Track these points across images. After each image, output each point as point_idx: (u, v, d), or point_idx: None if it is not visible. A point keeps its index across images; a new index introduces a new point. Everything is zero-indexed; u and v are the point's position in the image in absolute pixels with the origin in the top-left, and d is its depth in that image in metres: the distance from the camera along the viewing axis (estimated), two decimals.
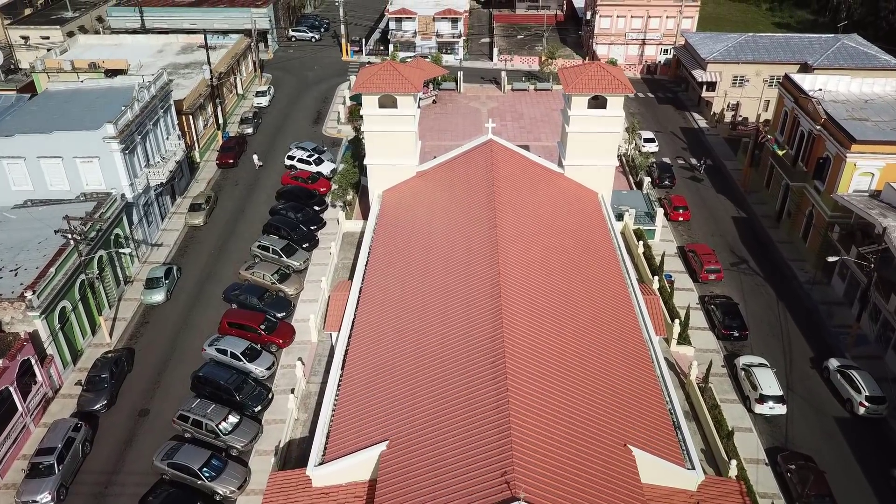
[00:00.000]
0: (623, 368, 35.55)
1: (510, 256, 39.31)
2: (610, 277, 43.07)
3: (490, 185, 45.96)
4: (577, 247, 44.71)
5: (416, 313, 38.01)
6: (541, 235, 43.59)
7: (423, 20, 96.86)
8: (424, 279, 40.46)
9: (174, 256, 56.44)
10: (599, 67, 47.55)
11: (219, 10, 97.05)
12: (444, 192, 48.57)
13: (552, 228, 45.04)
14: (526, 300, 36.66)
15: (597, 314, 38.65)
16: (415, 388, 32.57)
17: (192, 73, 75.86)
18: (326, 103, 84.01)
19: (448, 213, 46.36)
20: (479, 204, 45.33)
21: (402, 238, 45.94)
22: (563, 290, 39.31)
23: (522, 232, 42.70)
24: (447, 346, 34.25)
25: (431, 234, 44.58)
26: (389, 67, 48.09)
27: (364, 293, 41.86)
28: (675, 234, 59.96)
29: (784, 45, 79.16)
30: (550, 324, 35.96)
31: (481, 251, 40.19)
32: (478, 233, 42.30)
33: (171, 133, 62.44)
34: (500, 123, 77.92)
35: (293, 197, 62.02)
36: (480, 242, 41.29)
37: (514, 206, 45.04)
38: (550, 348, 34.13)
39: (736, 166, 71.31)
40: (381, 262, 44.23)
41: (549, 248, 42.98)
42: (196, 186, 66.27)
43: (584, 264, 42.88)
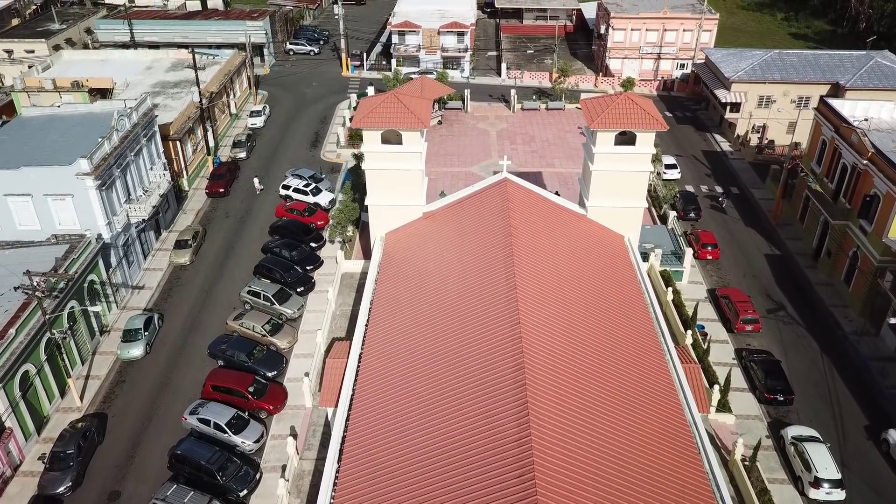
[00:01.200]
0: (661, 448, 30.62)
1: (531, 316, 34.43)
2: (642, 340, 38.06)
3: (506, 231, 41.02)
4: (606, 302, 39.75)
5: (426, 382, 33.10)
6: (564, 288, 38.68)
7: (428, 34, 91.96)
8: (434, 339, 35.58)
9: (156, 301, 51.44)
10: (628, 100, 42.58)
11: (212, 22, 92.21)
12: (454, 237, 43.60)
13: (576, 280, 40.09)
14: (551, 370, 31.77)
15: (630, 386, 33.69)
16: (427, 487, 27.57)
17: (181, 93, 70.96)
18: (325, 124, 79.06)
19: (460, 261, 41.42)
20: (494, 251, 40.42)
21: (408, 290, 41.00)
22: (591, 356, 34.42)
23: (543, 285, 37.84)
24: (464, 430, 29.26)
25: (441, 286, 39.67)
26: (393, 99, 43.13)
27: (365, 358, 36.82)
28: (703, 275, 54.96)
29: (813, 64, 74.18)
30: (578, 398, 31.08)
31: (498, 309, 35.36)
32: (494, 286, 37.44)
33: (155, 163, 57.50)
34: (510, 147, 73.10)
35: (287, 232, 57.06)
36: (497, 298, 36.45)
37: (534, 255, 40.10)
38: (579, 430, 29.22)
39: (765, 195, 66.30)
40: (384, 317, 39.26)
41: (574, 304, 38.08)
42: (183, 218, 61.30)
43: (614, 324, 37.89)
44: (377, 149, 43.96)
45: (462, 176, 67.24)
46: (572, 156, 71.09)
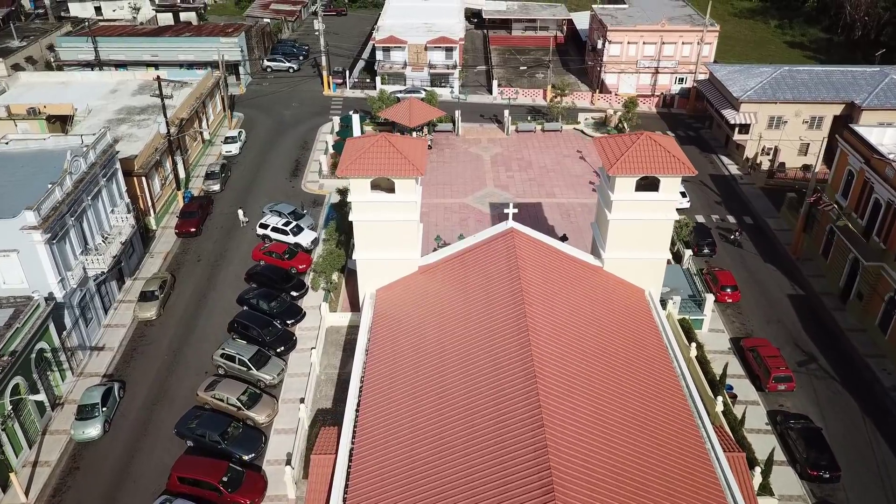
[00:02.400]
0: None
1: (551, 387, 29.58)
2: (675, 417, 33.05)
3: (516, 288, 35.93)
4: (630, 369, 34.76)
5: (431, 472, 27.92)
6: (584, 353, 33.86)
7: (414, 49, 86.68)
8: (440, 419, 30.50)
9: (118, 365, 45.68)
10: (650, 141, 37.58)
11: (183, 39, 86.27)
12: (456, 295, 38.36)
13: (596, 343, 35.16)
14: (578, 455, 26.86)
15: (664, 475, 28.72)
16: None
17: (148, 120, 65.09)
18: (306, 150, 73.47)
19: (464, 323, 36.29)
20: (503, 311, 35.40)
21: (405, 356, 35.75)
22: (620, 440, 29.48)
23: (561, 350, 32.99)
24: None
25: (444, 352, 34.53)
26: (384, 143, 37.80)
27: (358, 451, 31.44)
28: (724, 321, 50.20)
29: (825, 81, 69.83)
30: (609, 478, 26.34)
31: (512, 380, 30.46)
32: (506, 352, 32.55)
33: (117, 204, 51.72)
34: (505, 174, 68.04)
35: (265, 280, 51.51)
36: (510, 366, 31.58)
37: (549, 316, 35.09)
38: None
39: (781, 225, 61.74)
40: (377, 397, 33.92)
41: (596, 370, 33.25)
42: (150, 263, 55.50)
43: (643, 401, 32.85)
44: (366, 198, 38.59)
45: (456, 209, 62.05)
46: (573, 184, 66.15)
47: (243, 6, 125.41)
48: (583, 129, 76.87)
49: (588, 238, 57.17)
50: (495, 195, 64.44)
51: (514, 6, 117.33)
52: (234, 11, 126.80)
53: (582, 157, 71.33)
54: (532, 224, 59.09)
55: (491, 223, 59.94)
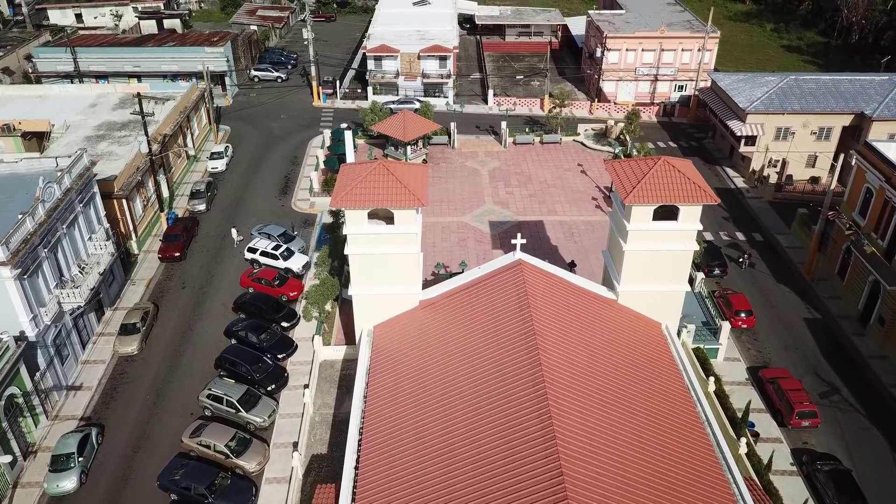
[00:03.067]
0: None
1: (569, 433, 26.97)
2: (700, 469, 30.41)
3: (527, 326, 33.31)
4: (652, 416, 32.16)
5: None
6: (603, 397, 31.40)
7: (407, 58, 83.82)
8: (448, 471, 27.80)
9: (96, 406, 42.56)
10: (668, 167, 34.96)
11: (166, 49, 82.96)
12: (462, 332, 35.61)
13: (615, 385, 32.62)
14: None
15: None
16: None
17: (129, 137, 61.97)
18: (296, 165, 70.42)
19: (471, 362, 33.61)
20: (513, 351, 32.84)
21: (408, 401, 33.00)
22: (643, 492, 26.85)
23: (579, 392, 30.50)
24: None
25: (449, 397, 31.77)
26: (382, 171, 34.96)
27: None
28: (739, 348, 47.67)
29: (833, 91, 67.57)
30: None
31: (526, 422, 27.97)
32: (517, 393, 30.04)
33: (95, 231, 48.58)
34: (504, 190, 65.31)
35: (254, 309, 48.50)
36: (524, 407, 29.06)
37: (563, 356, 32.56)
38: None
39: (792, 242, 59.35)
40: (379, 443, 31.11)
41: (617, 417, 30.80)
42: (131, 291, 52.35)
43: (665, 449, 30.23)
44: (363, 230, 35.71)
45: (454, 228, 59.26)
46: (576, 200, 63.51)
47: (229, 12, 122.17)
48: (583, 141, 74.32)
49: (594, 258, 54.81)
50: (495, 213, 61.72)
51: (508, 11, 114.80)
52: (219, 18, 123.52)
53: (583, 171, 68.76)
54: (534, 244, 56.65)
55: (491, 243, 57.27)
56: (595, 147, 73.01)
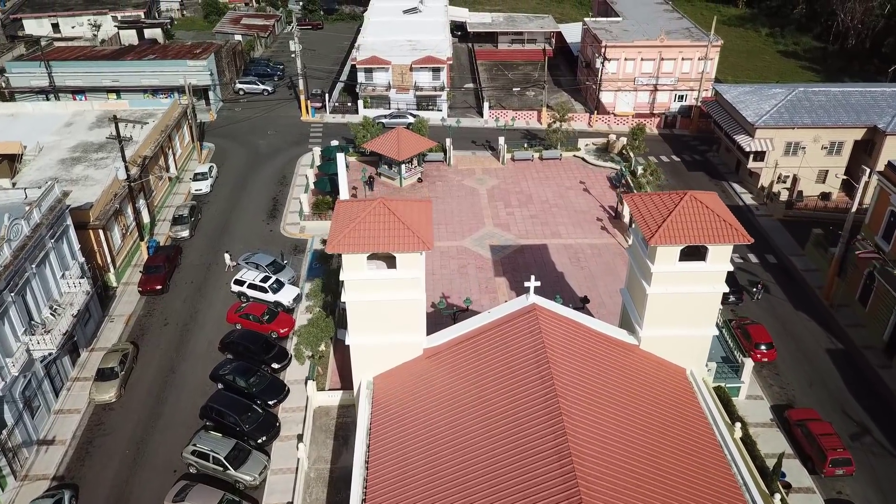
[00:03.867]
0: None
1: (599, 498, 23.87)
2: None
3: (545, 377, 30.26)
4: (682, 472, 29.17)
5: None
6: (630, 454, 28.39)
7: (399, 70, 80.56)
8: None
9: (70, 464, 38.99)
10: (695, 203, 31.99)
11: (146, 63, 79.16)
12: (472, 385, 32.40)
13: (642, 440, 29.69)
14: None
15: None
16: None
17: (107, 159, 58.48)
18: (284, 186, 66.95)
19: (484, 416, 30.49)
20: (531, 402, 29.86)
21: (416, 459, 29.81)
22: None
23: (604, 448, 27.47)
24: None
25: (463, 458, 28.63)
26: (383, 211, 31.73)
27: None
28: (761, 384, 44.84)
29: (844, 103, 65.03)
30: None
31: (551, 485, 24.89)
32: (539, 458, 26.87)
33: (69, 267, 44.96)
34: (504, 211, 62.25)
35: (243, 349, 45.07)
36: (548, 479, 25.77)
37: (586, 411, 29.58)
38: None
39: (807, 265, 56.67)
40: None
41: (646, 476, 27.59)
42: (109, 329, 48.78)
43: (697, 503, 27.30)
44: (361, 276, 32.44)
45: (453, 253, 56.09)
46: (580, 221, 60.51)
47: (212, 20, 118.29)
48: (584, 157, 71.35)
49: (602, 286, 51.90)
50: (495, 236, 58.62)
51: (500, 18, 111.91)
52: (202, 26, 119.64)
53: (586, 189, 65.79)
54: (539, 270, 53.65)
55: (493, 270, 54.16)
56: (597, 163, 70.11)
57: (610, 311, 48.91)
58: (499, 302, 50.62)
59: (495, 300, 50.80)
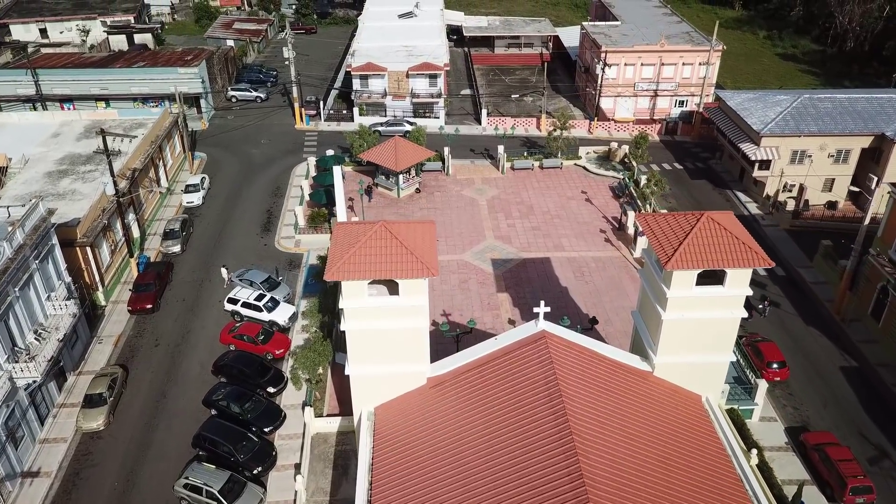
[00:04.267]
0: None
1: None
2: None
3: (557, 409, 28.82)
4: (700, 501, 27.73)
5: None
6: (645, 482, 27.26)
7: (395, 76, 78.89)
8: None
9: (55, 498, 37.18)
10: (713, 225, 30.47)
11: (136, 70, 77.18)
12: (479, 416, 30.87)
13: (659, 473, 28.15)
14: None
15: None
16: None
17: (95, 172, 56.67)
18: (279, 197, 65.17)
19: (491, 449, 28.93)
20: (543, 435, 28.44)
21: (420, 494, 28.16)
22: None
23: (621, 480, 26.45)
24: None
25: (469, 490, 27.12)
26: (385, 235, 30.08)
27: None
28: (773, 405, 43.37)
29: (850, 110, 63.72)
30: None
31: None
32: (552, 486, 25.34)
33: (54, 288, 43.11)
34: (505, 222, 60.69)
35: (237, 372, 43.32)
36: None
37: (601, 445, 28.12)
38: None
39: (816, 277, 55.29)
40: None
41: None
42: (98, 351, 46.94)
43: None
44: (362, 304, 30.76)
45: (454, 268, 54.47)
46: (583, 233, 58.96)
47: (204, 25, 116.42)
48: (585, 166, 69.81)
49: (608, 301, 50.44)
50: (497, 249, 57.02)
51: (496, 22, 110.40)
52: (193, 30, 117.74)
53: (588, 199, 64.24)
54: (543, 284, 52.16)
55: (496, 285, 52.55)
56: (599, 172, 68.58)
57: (617, 329, 47.43)
58: (502, 319, 49.16)
59: (498, 317, 49.28)
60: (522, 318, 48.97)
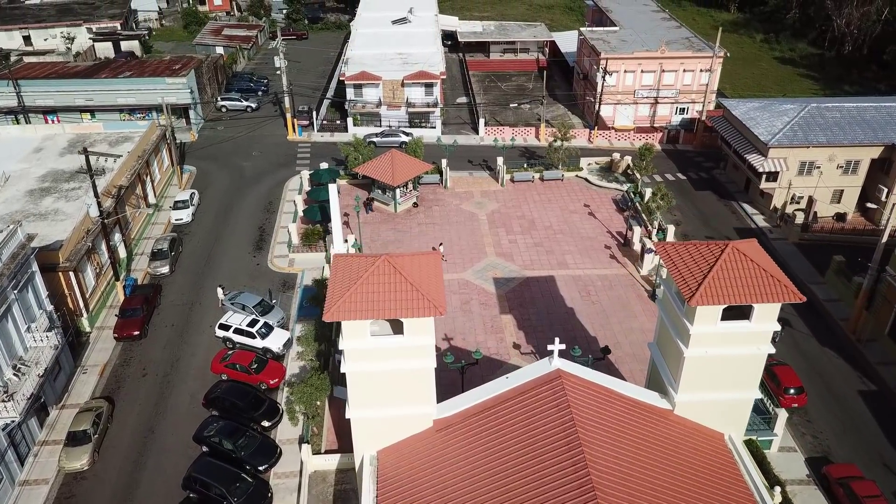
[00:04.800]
0: None
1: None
2: None
3: (578, 460, 26.62)
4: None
5: None
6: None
7: (390, 85, 76.73)
8: None
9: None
10: (738, 256, 28.53)
11: (122, 81, 74.66)
12: (490, 462, 28.69)
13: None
14: None
15: None
16: None
17: (79, 190, 54.30)
18: (272, 213, 62.87)
19: (507, 500, 26.85)
20: (560, 484, 26.19)
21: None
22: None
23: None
24: None
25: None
26: (388, 271, 27.96)
27: None
28: (792, 433, 41.50)
29: (859, 119, 62.06)
30: None
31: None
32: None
33: (35, 319, 40.72)
34: (507, 238, 58.70)
35: (229, 405, 41.07)
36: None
37: (620, 487, 25.82)
38: None
39: (828, 294, 53.53)
40: None
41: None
42: (82, 382, 44.56)
43: None
44: (364, 345, 28.60)
45: (455, 287, 52.41)
46: (587, 249, 57.02)
47: (192, 31, 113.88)
48: (586, 177, 67.87)
49: (616, 324, 48.58)
50: (499, 267, 54.99)
51: (491, 27, 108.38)
52: (181, 36, 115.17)
53: (591, 213, 62.29)
54: (548, 305, 50.24)
55: (499, 307, 50.52)
56: (601, 184, 66.68)
57: (627, 353, 45.55)
58: (506, 343, 47.14)
59: (502, 341, 47.26)
60: (528, 342, 47.02)
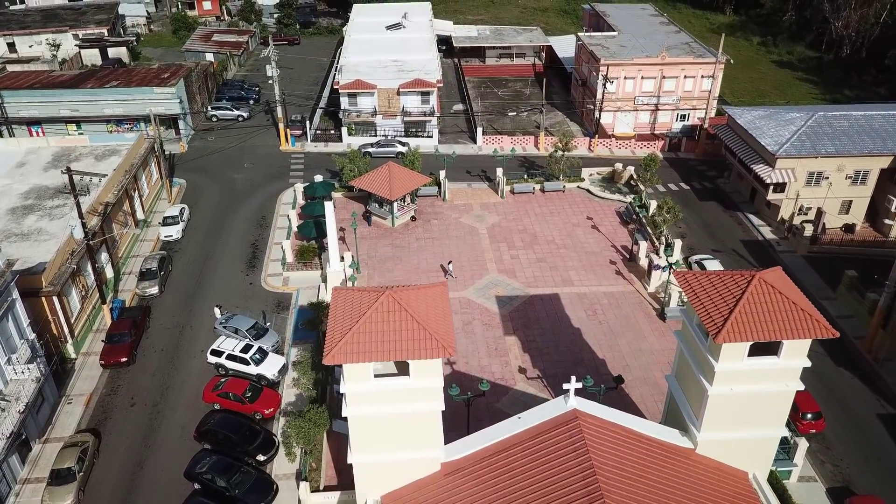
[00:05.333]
0: None
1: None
2: None
3: (595, 498, 24.75)
4: None
5: None
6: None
7: (385, 94, 74.73)
8: None
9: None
10: (766, 288, 26.76)
11: (109, 91, 72.35)
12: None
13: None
14: None
15: None
16: None
17: (63, 207, 52.18)
18: (265, 229, 60.76)
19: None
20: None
21: None
22: None
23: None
24: None
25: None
26: (393, 306, 26.02)
27: None
28: (812, 461, 39.78)
29: (867, 128, 60.57)
30: None
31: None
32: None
33: (15, 350, 38.54)
34: (508, 253, 56.89)
35: (223, 439, 39.00)
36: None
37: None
38: None
39: (840, 310, 51.93)
40: None
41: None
42: (66, 413, 42.40)
43: None
44: (367, 388, 26.64)
45: (456, 307, 50.52)
46: (591, 264, 55.24)
47: (181, 36, 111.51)
48: (588, 189, 66.10)
49: (625, 345, 46.91)
50: (501, 284, 53.13)
51: (486, 31, 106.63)
52: (170, 42, 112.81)
53: (594, 226, 60.52)
54: (552, 324, 48.47)
55: (502, 328, 48.66)
56: (603, 195, 64.93)
57: (637, 377, 43.81)
58: (511, 367, 45.29)
59: (507, 364, 45.40)
60: (534, 366, 45.19)
